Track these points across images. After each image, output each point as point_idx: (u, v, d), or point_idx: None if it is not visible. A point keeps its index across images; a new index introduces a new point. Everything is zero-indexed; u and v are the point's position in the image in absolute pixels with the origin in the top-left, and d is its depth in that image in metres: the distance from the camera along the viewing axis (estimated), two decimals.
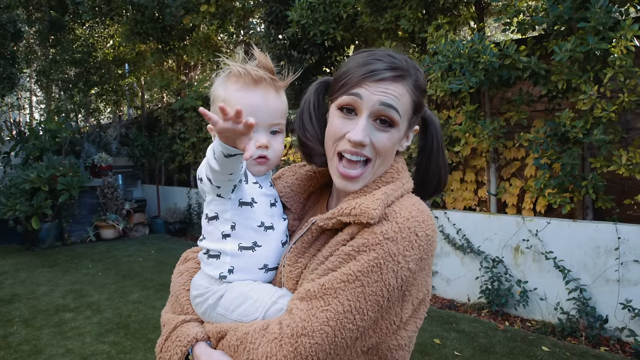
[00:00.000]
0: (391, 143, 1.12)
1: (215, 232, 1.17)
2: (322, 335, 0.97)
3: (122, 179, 10.72)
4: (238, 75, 1.15)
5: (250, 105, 1.13)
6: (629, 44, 3.89)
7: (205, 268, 1.20)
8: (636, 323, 4.14)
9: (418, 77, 1.14)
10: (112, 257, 8.00)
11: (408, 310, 1.08)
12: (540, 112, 5.17)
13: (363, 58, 1.12)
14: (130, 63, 11.44)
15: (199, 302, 1.19)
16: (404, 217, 1.05)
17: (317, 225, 1.12)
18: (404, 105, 1.10)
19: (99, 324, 4.93)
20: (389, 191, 1.10)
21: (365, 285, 0.99)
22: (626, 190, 4.66)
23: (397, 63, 1.10)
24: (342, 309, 0.98)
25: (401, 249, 1.01)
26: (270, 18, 7.19)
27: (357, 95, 1.08)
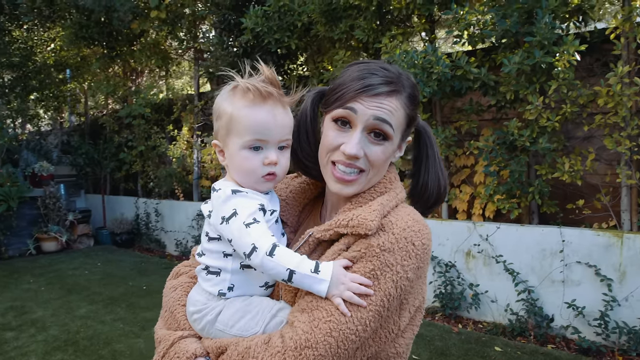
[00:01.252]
0: (385, 156, 1.15)
1: (216, 250, 1.16)
2: (325, 346, 0.97)
3: (65, 189, 10.24)
4: (245, 90, 1.11)
5: (260, 122, 1.11)
6: (571, 58, 4.14)
7: (204, 284, 1.18)
8: (580, 321, 4.38)
9: (412, 91, 1.16)
10: (55, 271, 7.62)
11: (405, 318, 1.10)
12: (489, 121, 5.40)
13: (358, 72, 1.13)
14: (72, 68, 11.00)
15: (197, 318, 1.17)
16: (400, 227, 1.07)
17: (314, 237, 1.13)
18: (397, 119, 1.13)
19: (44, 342, 4.69)
20: (385, 202, 1.12)
21: (368, 296, 1.01)
22: (568, 195, 4.93)
23: (391, 77, 1.12)
24: (344, 320, 0.99)
25: (399, 259, 1.04)
26: (223, 25, 7.14)
27: (352, 110, 1.10)
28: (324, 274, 1.01)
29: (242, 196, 1.11)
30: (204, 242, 1.18)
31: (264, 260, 1.01)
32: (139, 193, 10.04)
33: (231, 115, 1.13)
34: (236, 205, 1.08)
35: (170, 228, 8.85)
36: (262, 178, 1.15)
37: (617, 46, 4.20)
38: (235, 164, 1.15)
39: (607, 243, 4.26)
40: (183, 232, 8.53)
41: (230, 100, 1.14)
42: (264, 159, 1.13)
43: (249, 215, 1.06)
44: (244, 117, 1.11)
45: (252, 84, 1.11)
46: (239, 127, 1.12)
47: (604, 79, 4.22)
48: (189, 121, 8.73)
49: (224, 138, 1.16)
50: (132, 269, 7.62)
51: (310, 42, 6.41)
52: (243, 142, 1.12)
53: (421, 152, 1.28)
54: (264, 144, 1.13)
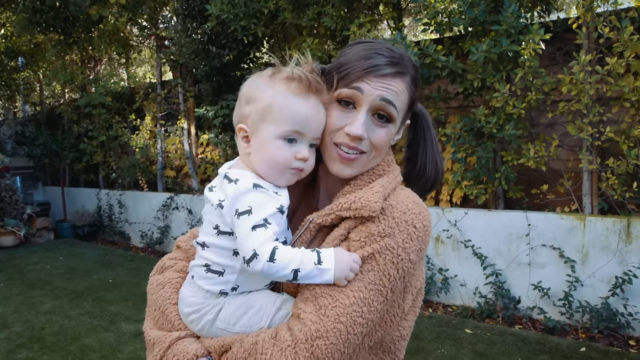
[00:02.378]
0: (388, 138, 1.13)
1: (225, 247, 1.08)
2: (335, 334, 0.96)
3: (21, 181, 9.87)
4: (293, 78, 1.06)
5: (302, 114, 1.06)
6: (537, 47, 4.24)
7: (201, 282, 1.12)
8: (545, 302, 4.54)
9: (415, 73, 1.15)
10: (14, 266, 7.35)
11: (409, 301, 1.11)
12: (456, 108, 5.49)
13: (364, 51, 1.10)
14: (25, 55, 10.52)
15: (195, 318, 1.12)
16: (400, 210, 1.07)
17: (315, 223, 1.11)
18: (402, 101, 1.11)
19: (7, 339, 4.53)
20: (385, 184, 1.11)
21: (364, 272, 1.01)
22: (533, 180, 5.07)
23: (397, 58, 1.10)
24: (349, 302, 0.98)
25: (400, 242, 1.03)
26: (186, 12, 6.97)
27: (359, 90, 1.07)
28: (327, 262, 1.00)
29: (263, 192, 1.05)
30: (210, 236, 1.10)
31: (265, 267, 0.98)
32: (100, 184, 9.77)
33: (271, 102, 1.06)
34: (253, 202, 1.02)
35: (135, 220, 8.65)
36: (289, 170, 1.09)
37: (579, 35, 4.32)
38: (265, 152, 1.08)
39: (571, 226, 4.42)
40: (148, 223, 8.36)
41: (271, 85, 1.07)
42: (296, 153, 1.08)
43: (261, 218, 1.01)
44: (286, 106, 1.05)
45: (304, 73, 1.06)
46: (278, 115, 1.06)
47: (567, 67, 4.34)
48: (152, 110, 8.52)
49: (255, 124, 1.09)
50: (97, 262, 7.42)
51: (277, 29, 6.33)
52: (280, 131, 1.06)
53: (418, 135, 1.27)
54: (299, 137, 1.08)
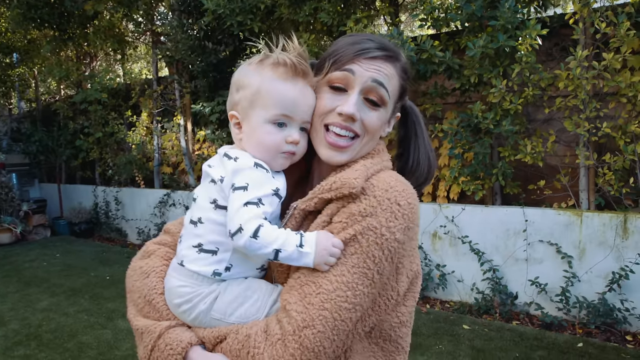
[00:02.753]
0: (380, 122, 1.12)
1: (221, 221, 1.07)
2: (321, 321, 0.95)
3: (17, 178, 9.83)
4: (278, 63, 1.07)
5: (290, 98, 1.07)
6: (534, 42, 4.23)
7: (193, 265, 1.09)
8: (542, 297, 4.55)
9: (405, 62, 1.16)
10: (11, 263, 7.33)
11: (404, 283, 1.08)
12: (453, 104, 5.48)
13: (353, 38, 1.12)
14: (20, 51, 10.45)
15: (187, 309, 1.09)
16: (382, 189, 1.04)
17: (299, 209, 1.10)
18: (393, 86, 1.12)
19: (4, 337, 4.52)
20: (368, 164, 1.10)
21: (347, 256, 0.99)
22: (530, 176, 5.07)
23: (387, 44, 1.12)
24: (332, 287, 0.97)
25: (383, 221, 1.00)
26: (182, 7, 6.92)
27: (350, 71, 1.08)
28: (308, 246, 0.99)
29: (262, 172, 1.06)
30: (207, 210, 1.09)
31: (247, 242, 0.98)
32: (97, 181, 9.73)
33: (259, 87, 1.08)
34: (251, 179, 1.03)
35: (132, 216, 8.63)
36: (281, 154, 1.11)
37: (576, 31, 4.31)
38: (256, 137, 1.09)
39: (568, 222, 4.42)
40: (145, 220, 8.34)
41: (259, 71, 1.09)
42: (286, 137, 1.09)
43: (256, 196, 1.02)
44: (274, 91, 1.07)
45: (290, 58, 1.06)
46: (266, 100, 1.07)
47: (564, 62, 4.33)
48: (148, 106, 8.48)
49: (245, 110, 1.10)
50: (94, 259, 7.40)
51: (273, 25, 6.30)
52: (269, 116, 1.08)
53: (409, 130, 1.27)
54: (289, 120, 1.09)
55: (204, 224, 1.10)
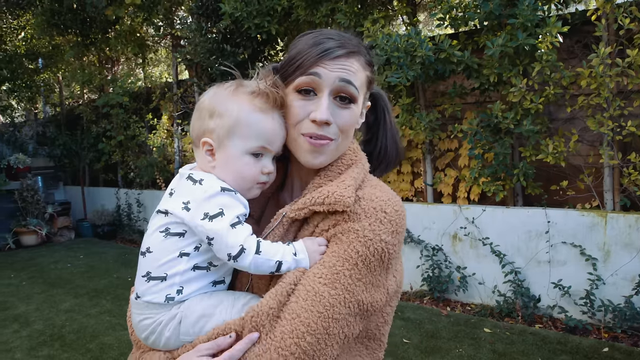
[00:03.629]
0: (353, 119, 1.13)
1: (170, 248, 1.07)
2: (302, 294, 1.00)
3: (42, 181, 10.03)
4: (257, 93, 1.08)
5: (270, 130, 1.09)
6: (554, 40, 4.14)
7: (145, 295, 1.09)
8: (566, 300, 4.45)
9: (367, 53, 1.16)
10: (36, 265, 7.49)
11: (393, 283, 1.10)
12: (473, 104, 5.40)
13: (313, 39, 1.11)
14: (45, 57, 10.68)
15: (154, 339, 1.10)
16: (367, 199, 1.08)
17: (288, 217, 1.11)
18: (360, 80, 1.11)
19: (29, 337, 4.61)
20: (355, 175, 1.12)
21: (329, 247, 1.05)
22: (552, 176, 4.97)
23: (347, 40, 1.11)
24: (310, 272, 1.03)
25: (367, 225, 1.03)
26: (200, 11, 6.98)
27: (316, 75, 1.07)
28: (301, 252, 1.04)
29: (230, 195, 1.06)
30: (157, 239, 1.08)
31: (254, 260, 1.00)
32: (119, 184, 9.87)
33: (238, 117, 1.07)
34: (223, 204, 1.03)
35: None
36: (256, 185, 1.13)
37: (598, 27, 4.21)
38: (233, 167, 1.09)
39: (592, 223, 4.32)
40: None
41: (236, 100, 1.09)
42: (262, 168, 1.11)
43: (235, 216, 1.03)
44: (254, 122, 1.07)
45: (267, 88, 1.07)
46: (246, 131, 1.07)
47: (586, 60, 4.24)
48: (169, 109, 8.58)
49: (221, 139, 1.09)
50: (116, 260, 7.52)
51: (290, 27, 6.31)
52: (248, 147, 1.08)
53: (378, 116, 1.30)
54: (266, 152, 1.11)
55: (152, 252, 1.09)
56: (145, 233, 1.14)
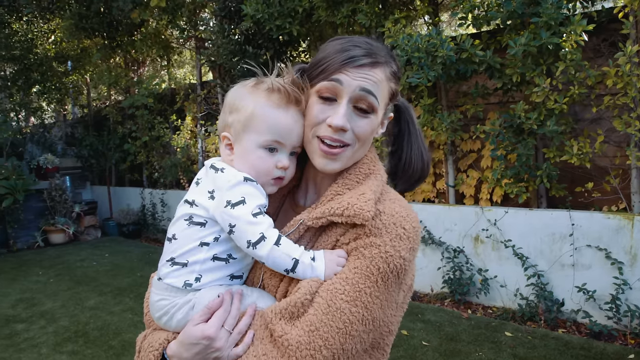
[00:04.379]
0: (371, 129, 1.13)
1: (192, 236, 1.12)
2: (320, 307, 1.00)
3: (70, 181, 10.27)
4: (274, 90, 1.10)
5: (283, 125, 1.11)
6: (579, 39, 4.05)
7: (166, 278, 1.13)
8: (590, 305, 4.35)
9: (395, 65, 1.15)
10: (63, 263, 7.66)
11: (401, 297, 1.12)
12: (495, 104, 5.33)
13: (341, 44, 1.11)
14: (73, 59, 10.93)
15: (166, 320, 1.14)
16: (388, 214, 1.08)
17: (305, 225, 1.12)
18: (382, 91, 1.11)
19: (55, 333, 4.73)
20: (375, 188, 1.12)
21: (350, 261, 1.05)
22: (577, 178, 4.87)
23: (375, 50, 1.11)
24: (330, 282, 1.04)
25: (387, 241, 1.04)
26: (223, 13, 7.04)
27: (338, 81, 1.08)
28: (319, 260, 1.05)
29: (253, 186, 1.09)
30: (181, 226, 1.14)
31: (272, 250, 1.02)
32: (144, 183, 10.04)
33: (253, 112, 1.10)
34: (246, 193, 1.07)
35: None
36: (271, 180, 1.14)
37: (625, 25, 4.11)
38: (248, 161, 1.12)
39: (618, 226, 4.21)
40: None
41: (253, 96, 1.12)
42: (277, 162, 1.13)
43: (257, 206, 1.06)
44: (268, 117, 1.10)
45: (283, 85, 1.09)
46: (260, 125, 1.10)
47: (612, 59, 4.13)
48: (192, 110, 8.68)
49: (238, 133, 1.13)
50: (140, 259, 7.65)
51: (312, 28, 6.32)
52: (261, 141, 1.11)
53: (402, 128, 1.28)
54: (280, 146, 1.13)
55: (177, 239, 1.14)
56: (172, 220, 1.18)
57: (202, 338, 1.02)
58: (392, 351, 3.99)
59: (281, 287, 1.11)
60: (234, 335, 1.05)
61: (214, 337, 1.03)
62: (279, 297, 1.11)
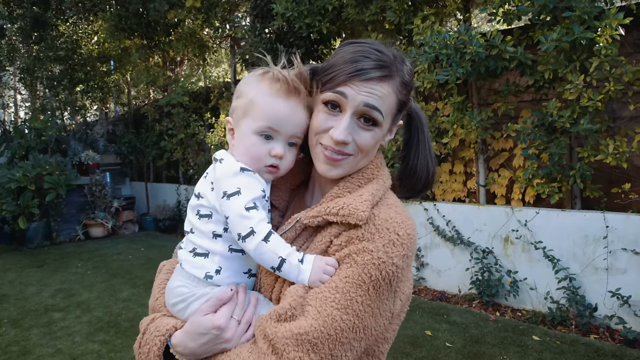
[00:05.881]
0: (374, 141, 1.12)
1: (205, 229, 1.14)
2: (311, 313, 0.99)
3: (110, 177, 10.63)
4: (275, 79, 1.12)
5: (278, 113, 1.11)
6: (614, 33, 3.89)
7: (189, 267, 1.16)
8: (625, 311, 4.17)
9: (405, 74, 1.13)
10: (101, 256, 7.93)
11: (398, 306, 1.10)
12: (528, 102, 5.18)
13: (352, 53, 1.10)
14: (115, 59, 11.30)
15: (181, 308, 1.16)
16: (382, 219, 1.07)
17: (302, 223, 1.12)
18: (388, 105, 1.10)
19: (88, 323, 4.89)
20: (375, 191, 1.11)
21: (341, 269, 1.03)
22: (613, 179, 4.68)
23: (384, 60, 1.09)
24: (319, 290, 1.02)
25: (380, 247, 1.02)
26: (255, 12, 7.12)
27: (343, 95, 1.07)
28: (307, 263, 1.04)
29: (249, 176, 1.11)
30: (192, 218, 1.17)
31: (259, 245, 1.03)
32: (180, 180, 10.26)
33: (252, 98, 1.13)
34: (241, 184, 1.08)
35: None
36: (264, 167, 1.15)
37: None
38: (243, 146, 1.14)
39: None
40: None
41: (257, 84, 1.14)
42: (270, 150, 1.13)
43: (251, 199, 1.07)
44: (265, 104, 1.11)
45: (284, 75, 1.11)
46: (256, 111, 1.12)
47: None
48: (226, 108, 8.82)
49: (238, 118, 1.16)
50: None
51: (342, 25, 6.30)
52: (256, 127, 1.12)
53: (412, 136, 1.26)
54: (275, 134, 1.13)
55: (194, 233, 1.17)
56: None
57: (213, 328, 1.05)
58: (415, 351, 3.95)
59: (276, 288, 1.11)
60: (242, 326, 1.07)
61: (224, 327, 1.05)
62: (275, 297, 1.12)
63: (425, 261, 5.66)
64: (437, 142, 5.57)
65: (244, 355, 1.02)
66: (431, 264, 5.63)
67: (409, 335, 4.29)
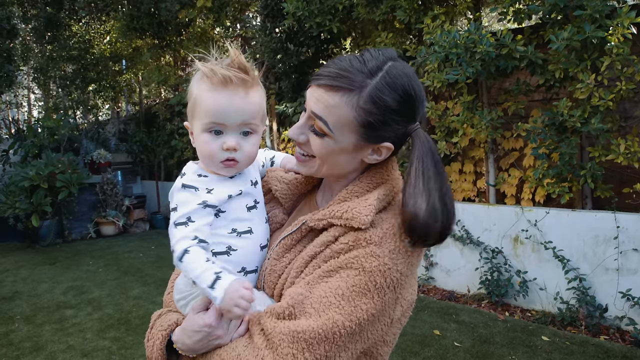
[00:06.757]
0: (325, 150, 1.09)
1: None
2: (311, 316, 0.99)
3: (122, 175, 10.72)
4: (208, 75, 1.11)
5: (216, 106, 1.10)
6: (626, 32, 3.86)
7: None
8: (636, 312, 4.14)
9: (377, 92, 1.01)
10: (112, 254, 8.01)
11: (398, 312, 1.09)
12: (538, 101, 5.15)
13: (335, 58, 1.11)
14: (127, 59, 11.40)
15: (183, 304, 1.19)
16: (390, 223, 1.05)
17: (307, 226, 1.13)
18: (339, 117, 1.04)
19: (99, 320, 4.95)
20: (381, 196, 1.09)
21: (349, 277, 1.01)
22: (625, 179, 4.64)
23: (347, 71, 1.03)
24: (323, 294, 1.01)
25: (387, 252, 1.01)
26: (265, 11, 7.15)
27: (305, 96, 1.11)
28: (219, 289, 1.00)
29: (188, 192, 1.12)
30: (171, 228, 1.19)
31: (177, 264, 1.05)
32: None
33: (195, 98, 1.13)
34: (179, 200, 1.10)
35: None
36: (220, 164, 1.13)
37: None
38: (198, 147, 1.14)
39: None
40: None
41: (197, 84, 1.13)
42: (222, 144, 1.11)
43: (183, 215, 1.08)
44: (204, 100, 1.11)
45: (210, 68, 1.09)
46: (200, 110, 1.12)
47: None
48: None
49: (190, 120, 1.17)
50: None
51: (352, 25, 6.31)
52: (203, 125, 1.12)
53: (412, 166, 1.04)
54: (223, 128, 1.11)
55: None
56: None
57: (204, 326, 1.06)
58: (423, 350, 3.95)
59: (278, 286, 1.12)
60: (234, 322, 1.08)
61: (215, 325, 1.06)
62: (277, 294, 1.12)
63: (435, 260, 5.65)
64: (446, 141, 5.56)
65: (239, 349, 1.03)
66: (440, 264, 5.62)
67: (418, 335, 4.29)
